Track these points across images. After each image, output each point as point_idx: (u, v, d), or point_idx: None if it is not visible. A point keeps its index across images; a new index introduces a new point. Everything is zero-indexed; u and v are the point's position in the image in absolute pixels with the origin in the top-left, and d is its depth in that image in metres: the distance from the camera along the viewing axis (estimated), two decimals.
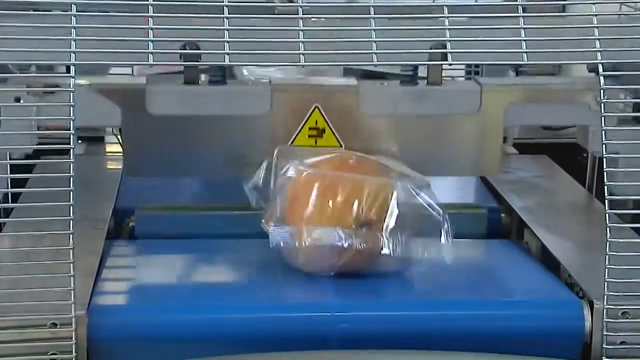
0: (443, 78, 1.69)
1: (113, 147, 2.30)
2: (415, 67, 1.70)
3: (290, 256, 1.55)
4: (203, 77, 1.72)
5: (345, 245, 1.50)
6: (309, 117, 1.67)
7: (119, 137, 1.99)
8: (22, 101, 1.57)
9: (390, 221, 1.52)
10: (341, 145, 1.69)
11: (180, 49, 1.50)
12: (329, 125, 1.67)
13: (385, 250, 1.51)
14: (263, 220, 1.55)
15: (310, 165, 1.57)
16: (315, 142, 1.69)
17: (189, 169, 1.71)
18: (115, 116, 1.67)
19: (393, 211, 1.52)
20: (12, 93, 1.56)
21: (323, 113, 1.67)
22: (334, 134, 1.69)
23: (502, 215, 1.89)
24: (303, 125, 1.68)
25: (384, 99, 1.70)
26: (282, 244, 1.53)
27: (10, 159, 1.47)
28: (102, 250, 1.62)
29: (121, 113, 1.66)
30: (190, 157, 1.70)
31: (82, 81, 1.57)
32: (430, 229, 1.53)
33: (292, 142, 1.68)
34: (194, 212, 1.83)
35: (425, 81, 1.69)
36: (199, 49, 1.51)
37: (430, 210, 1.54)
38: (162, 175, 1.75)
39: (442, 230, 1.53)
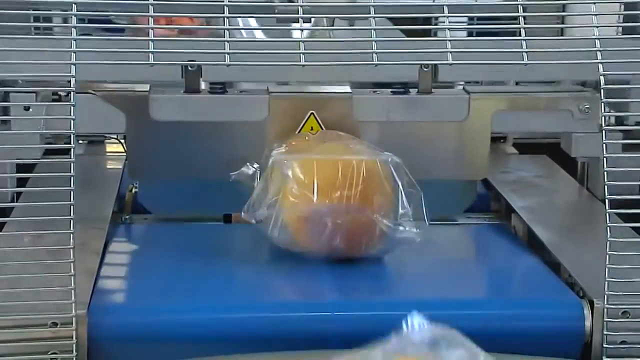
0: (433, 86, 1.76)
1: (113, 147, 2.30)
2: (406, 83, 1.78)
3: (275, 233, 1.55)
4: (204, 85, 1.76)
5: (339, 221, 1.51)
6: (305, 122, 1.73)
7: (122, 142, 2.06)
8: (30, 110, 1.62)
9: (383, 198, 1.53)
10: None
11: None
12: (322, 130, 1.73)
13: (381, 226, 1.52)
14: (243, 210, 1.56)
15: (290, 150, 1.59)
16: None
17: (189, 170, 1.77)
18: (118, 123, 1.72)
19: (386, 188, 1.54)
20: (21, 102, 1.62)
21: (318, 119, 1.73)
22: None
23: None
24: (300, 130, 1.74)
25: (377, 106, 1.77)
26: (270, 221, 1.53)
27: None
28: (104, 246, 1.62)
29: (125, 119, 1.72)
30: (190, 159, 1.75)
31: None
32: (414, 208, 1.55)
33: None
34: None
35: (416, 90, 1.77)
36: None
37: (410, 189, 1.55)
38: (163, 177, 1.78)
39: (423, 209, 1.53)
